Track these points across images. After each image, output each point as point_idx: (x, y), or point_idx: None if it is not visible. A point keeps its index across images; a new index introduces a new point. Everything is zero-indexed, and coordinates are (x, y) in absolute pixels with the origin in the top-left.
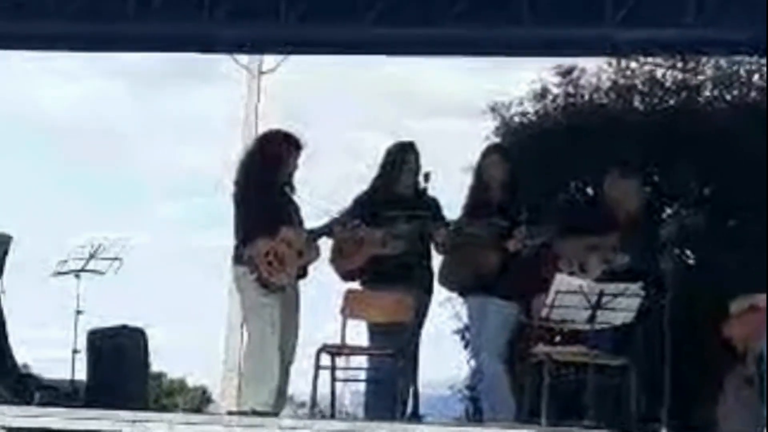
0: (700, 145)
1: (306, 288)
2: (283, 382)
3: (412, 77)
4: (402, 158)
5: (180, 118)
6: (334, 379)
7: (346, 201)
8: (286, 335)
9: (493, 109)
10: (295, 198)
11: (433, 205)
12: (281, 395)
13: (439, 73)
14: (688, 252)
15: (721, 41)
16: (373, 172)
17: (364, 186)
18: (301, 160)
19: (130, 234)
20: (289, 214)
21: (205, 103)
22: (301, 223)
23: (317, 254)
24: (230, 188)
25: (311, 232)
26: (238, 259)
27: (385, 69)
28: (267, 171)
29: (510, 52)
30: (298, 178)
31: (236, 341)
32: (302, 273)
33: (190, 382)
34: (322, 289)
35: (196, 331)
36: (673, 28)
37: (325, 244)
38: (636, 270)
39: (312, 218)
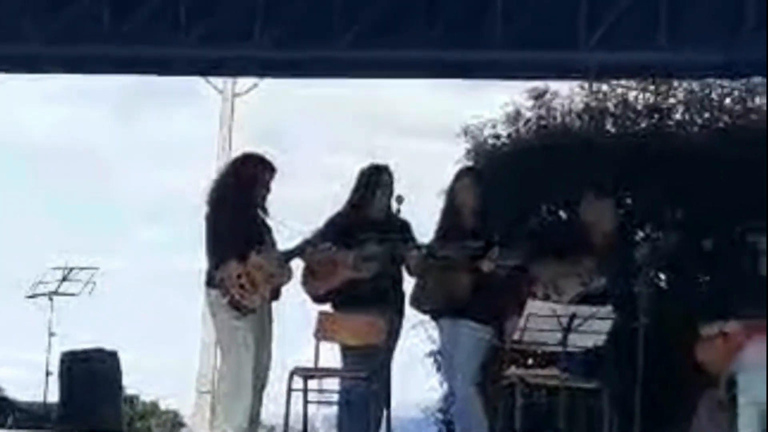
0: (672, 168)
1: (279, 310)
2: (256, 405)
3: (386, 99)
4: (376, 180)
5: (156, 140)
6: (306, 402)
7: (319, 223)
8: (260, 357)
9: (465, 132)
10: (268, 220)
11: (405, 228)
12: (254, 418)
13: (413, 95)
14: (661, 275)
15: (693, 64)
16: (346, 193)
17: (337, 208)
18: (274, 183)
19: (106, 256)
20: (262, 236)
21: (181, 126)
22: (273, 245)
23: (289, 276)
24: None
25: (283, 254)
26: (210, 281)
27: (359, 90)
28: (240, 194)
29: (483, 75)
30: (271, 198)
31: (210, 364)
32: (275, 295)
33: (163, 405)
34: (295, 311)
35: (170, 354)
36: (645, 51)
37: (298, 267)
38: (611, 293)
39: (285, 240)
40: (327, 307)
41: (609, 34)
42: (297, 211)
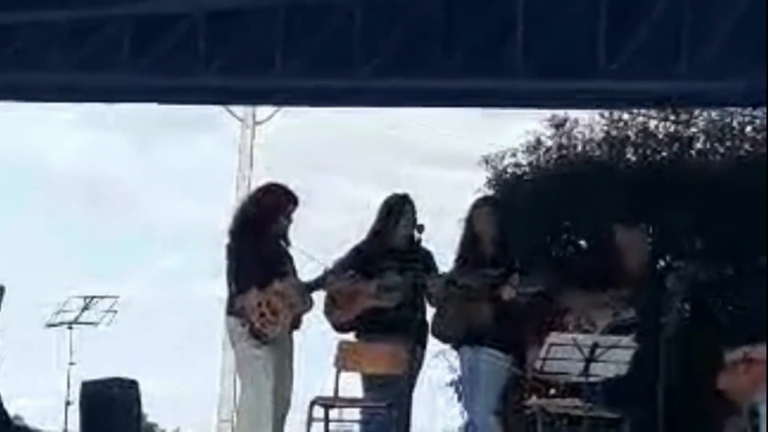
0: (693, 197)
1: (300, 339)
2: None
3: (407, 128)
4: (398, 210)
5: (176, 168)
6: None
7: (340, 252)
8: (280, 387)
9: (486, 161)
10: (290, 249)
11: (427, 257)
12: None
13: (434, 124)
14: (686, 304)
15: (714, 93)
16: (368, 222)
17: (359, 237)
18: (295, 214)
19: (126, 284)
20: (283, 265)
21: (201, 154)
22: (294, 274)
23: (310, 306)
24: (225, 240)
25: (306, 285)
26: (230, 310)
27: (379, 119)
28: (262, 223)
29: (504, 104)
30: (293, 227)
31: (230, 392)
32: (296, 324)
33: None
34: (317, 340)
35: (191, 382)
36: (665, 81)
37: (319, 296)
38: (640, 323)
39: (306, 269)
40: (349, 337)
41: (629, 62)
42: (318, 240)
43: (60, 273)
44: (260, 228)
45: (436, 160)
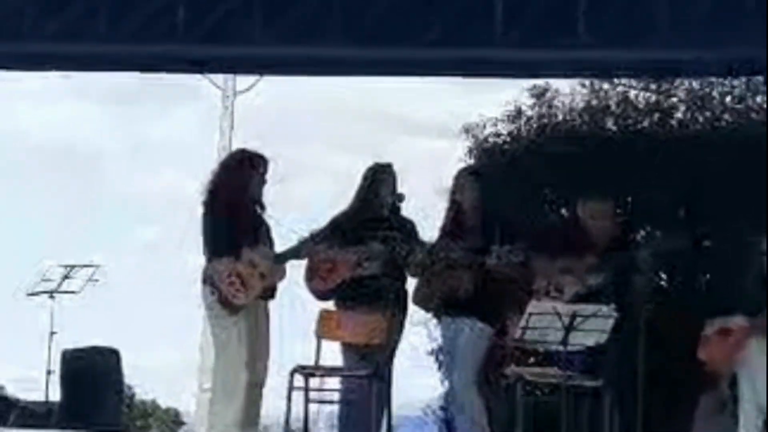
0: (673, 166)
1: (280, 308)
2: (255, 403)
3: (387, 97)
4: (379, 179)
5: (156, 138)
6: (307, 401)
7: (320, 221)
8: (254, 356)
9: (467, 130)
10: (267, 218)
11: (409, 227)
12: (254, 416)
13: (415, 93)
14: (663, 274)
15: (694, 63)
16: (349, 192)
17: (340, 206)
18: (273, 177)
19: (106, 255)
20: (257, 233)
21: (181, 124)
22: (270, 242)
23: (282, 276)
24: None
25: (280, 254)
26: (203, 278)
27: (360, 89)
28: (232, 191)
29: (484, 74)
30: (272, 197)
31: (210, 362)
32: (270, 294)
33: (163, 403)
34: (297, 309)
35: (171, 352)
36: (645, 50)
37: (301, 265)
38: (610, 290)
39: (287, 238)
40: (330, 305)
41: (608, 31)
42: (299, 209)
43: (39, 244)
44: (231, 196)
45: (418, 130)
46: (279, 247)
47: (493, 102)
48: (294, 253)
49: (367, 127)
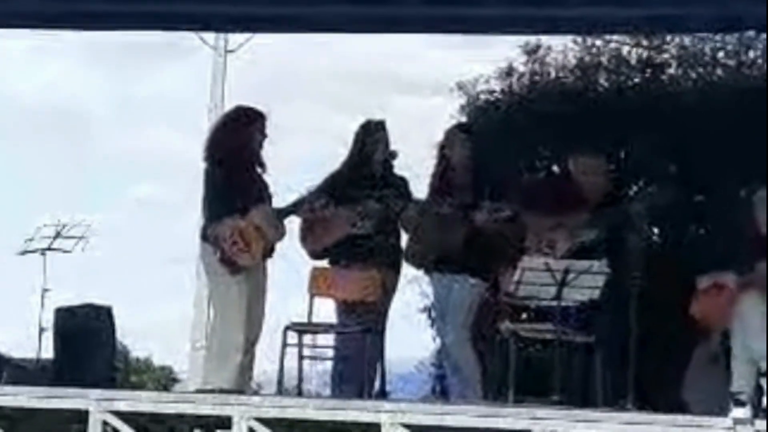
0: (665, 123)
1: (273, 266)
2: (249, 360)
3: (380, 55)
4: (373, 137)
5: (146, 97)
6: (301, 357)
7: (314, 179)
8: (252, 314)
9: (459, 87)
10: (265, 176)
11: (402, 184)
12: (246, 373)
13: (408, 50)
14: (655, 229)
15: (686, 18)
16: (342, 149)
17: (333, 164)
18: (269, 134)
19: (98, 213)
20: (258, 192)
21: (172, 82)
22: (269, 201)
23: (282, 234)
24: (200, 168)
25: (278, 212)
26: (204, 236)
27: (352, 47)
28: (233, 149)
29: (476, 30)
30: (267, 156)
31: (203, 320)
32: (268, 252)
33: (157, 361)
34: (290, 267)
35: (164, 310)
36: (638, 6)
37: (294, 223)
38: (603, 246)
39: (282, 196)
40: (324, 263)
41: None
42: (292, 167)
43: (31, 203)
44: (232, 154)
45: (411, 87)
46: (276, 205)
47: (486, 59)
48: (293, 210)
49: (359, 85)
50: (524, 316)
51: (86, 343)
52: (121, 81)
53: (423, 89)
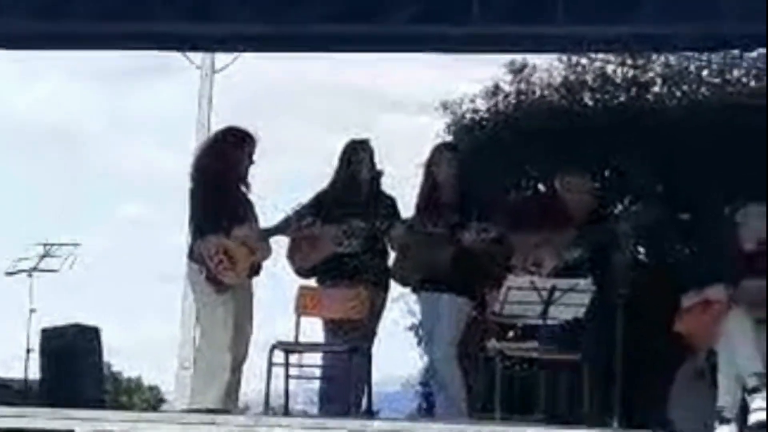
0: (650, 141)
1: (260, 285)
2: (235, 380)
3: (366, 74)
4: (358, 155)
5: (138, 117)
6: (287, 377)
7: (301, 198)
8: (239, 332)
9: (444, 107)
10: (251, 195)
11: (390, 203)
12: (233, 393)
13: (394, 70)
14: (640, 248)
15: (671, 37)
16: (328, 168)
17: (320, 183)
18: (256, 155)
19: (86, 233)
20: (243, 211)
21: (160, 102)
22: (254, 220)
23: (268, 253)
24: (187, 186)
25: (265, 231)
26: (191, 255)
27: (339, 66)
28: (220, 169)
29: (462, 49)
30: (254, 175)
31: (190, 339)
32: (255, 271)
33: (146, 381)
34: (277, 286)
35: (152, 330)
36: (623, 25)
37: (281, 242)
38: (588, 264)
39: (268, 215)
40: (311, 282)
41: (586, 7)
42: (278, 186)
43: (19, 222)
44: (219, 174)
45: (396, 106)
46: (262, 224)
47: (471, 78)
48: (279, 229)
49: (345, 104)
50: (511, 334)
51: (73, 363)
52: (111, 100)
53: (408, 108)
